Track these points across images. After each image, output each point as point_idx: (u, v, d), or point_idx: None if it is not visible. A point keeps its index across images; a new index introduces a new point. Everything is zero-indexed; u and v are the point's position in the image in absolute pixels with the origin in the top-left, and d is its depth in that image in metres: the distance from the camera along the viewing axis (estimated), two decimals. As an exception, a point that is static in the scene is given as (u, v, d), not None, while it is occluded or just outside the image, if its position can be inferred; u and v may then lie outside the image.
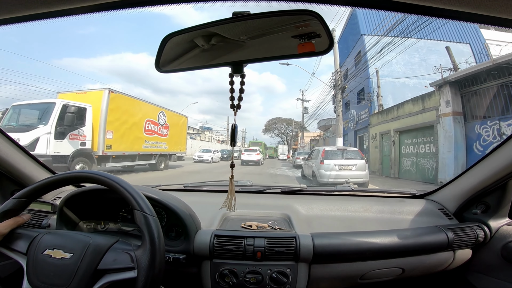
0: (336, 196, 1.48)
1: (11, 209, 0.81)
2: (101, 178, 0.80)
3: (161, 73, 0.68)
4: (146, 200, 0.79)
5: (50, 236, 0.78)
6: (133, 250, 0.74)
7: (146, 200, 0.79)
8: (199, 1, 0.51)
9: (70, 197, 1.00)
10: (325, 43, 0.57)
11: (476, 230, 1.14)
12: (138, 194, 0.78)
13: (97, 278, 0.71)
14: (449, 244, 1.09)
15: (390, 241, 1.05)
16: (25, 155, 1.21)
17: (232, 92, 0.69)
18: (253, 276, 0.95)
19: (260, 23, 0.57)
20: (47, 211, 1.20)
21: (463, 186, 1.24)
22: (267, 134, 48.21)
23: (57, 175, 0.85)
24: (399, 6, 0.47)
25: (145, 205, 0.77)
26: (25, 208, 0.85)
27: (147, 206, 0.77)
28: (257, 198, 1.43)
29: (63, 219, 1.00)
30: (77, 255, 0.72)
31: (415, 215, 1.26)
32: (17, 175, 1.19)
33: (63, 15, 0.54)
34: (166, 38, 0.63)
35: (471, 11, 0.45)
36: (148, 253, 0.72)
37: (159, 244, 0.74)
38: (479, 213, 1.19)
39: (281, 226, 1.10)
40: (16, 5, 0.51)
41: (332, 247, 1.02)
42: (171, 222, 1.05)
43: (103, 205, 1.07)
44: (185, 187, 1.57)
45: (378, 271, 1.08)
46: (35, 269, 0.72)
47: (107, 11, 0.53)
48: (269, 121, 48.10)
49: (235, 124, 0.77)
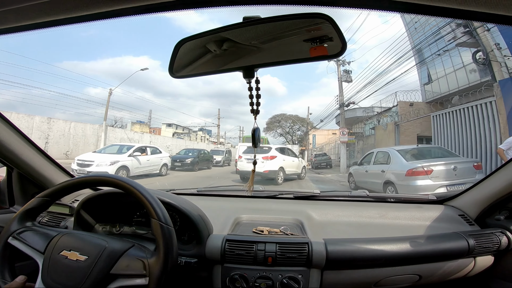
0: (351, 202, 1.45)
1: (34, 208, 0.86)
2: (119, 182, 0.83)
3: (175, 78, 0.69)
4: (164, 208, 0.81)
5: (68, 237, 0.80)
6: (147, 258, 0.75)
7: (164, 209, 0.80)
8: (208, 7, 0.51)
9: (87, 200, 1.03)
10: (338, 46, 0.56)
11: (499, 236, 1.10)
12: (155, 201, 0.80)
13: (108, 282, 0.73)
14: (470, 251, 1.05)
15: (406, 248, 1.02)
16: (46, 158, 1.26)
17: (251, 98, 0.70)
18: (263, 281, 0.94)
19: (271, 27, 0.57)
20: (65, 213, 1.23)
21: (486, 191, 1.19)
22: (269, 133, 38.14)
23: (76, 178, 0.89)
24: (413, 7, 0.46)
25: (162, 214, 0.79)
26: (47, 208, 0.89)
27: (163, 216, 0.79)
28: (269, 203, 1.42)
29: (80, 222, 1.03)
30: (91, 259, 0.74)
31: (433, 221, 1.22)
32: (37, 178, 1.24)
33: (69, 23, 0.56)
34: (179, 43, 0.64)
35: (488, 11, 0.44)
36: (161, 263, 0.74)
37: (172, 255, 0.76)
38: (502, 219, 1.14)
39: (293, 231, 1.09)
40: (19, 15, 0.53)
41: (346, 254, 0.99)
42: (184, 226, 1.06)
43: (118, 208, 1.09)
44: (198, 192, 1.58)
45: (394, 277, 1.05)
46: (50, 269, 0.75)
47: (112, 18, 0.55)
48: (271, 118, 37.73)
49: (256, 128, 0.77)
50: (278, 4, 0.52)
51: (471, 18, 0.48)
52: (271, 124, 37.38)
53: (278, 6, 0.51)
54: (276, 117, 37.31)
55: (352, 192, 1.55)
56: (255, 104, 0.71)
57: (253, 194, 1.50)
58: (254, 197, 1.47)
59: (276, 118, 37.28)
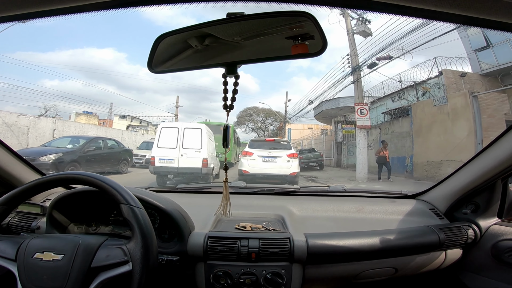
0: (329, 197, 1.49)
1: None
2: (89, 179, 0.80)
3: (154, 73, 0.67)
4: (132, 194, 0.79)
5: (38, 240, 0.76)
6: (125, 244, 0.74)
7: (132, 195, 0.79)
8: (192, 2, 0.50)
9: (60, 199, 0.98)
10: (319, 45, 0.57)
11: (467, 230, 1.17)
12: (123, 189, 0.79)
13: (92, 277, 0.70)
14: (440, 244, 1.11)
15: (382, 241, 1.06)
16: (14, 156, 1.18)
17: (226, 92, 0.69)
18: (247, 277, 0.95)
19: (255, 24, 0.57)
20: (37, 213, 1.17)
21: (453, 186, 1.26)
22: (240, 128, 34.00)
23: (44, 177, 0.84)
24: (393, 8, 0.47)
25: (131, 198, 0.78)
26: (7, 215, 0.84)
27: (132, 199, 0.78)
28: (251, 199, 1.43)
29: (53, 222, 0.99)
30: (68, 256, 0.71)
31: (406, 215, 1.28)
32: (4, 177, 1.16)
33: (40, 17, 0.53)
34: (159, 38, 0.62)
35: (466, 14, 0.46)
36: (140, 244, 0.72)
37: (149, 234, 0.74)
38: (469, 212, 1.21)
39: (275, 227, 1.10)
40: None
41: (326, 248, 1.03)
42: (164, 223, 1.04)
43: (94, 207, 1.05)
44: (178, 189, 1.56)
45: (372, 271, 1.09)
46: (28, 274, 0.71)
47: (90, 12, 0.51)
48: (242, 112, 33.65)
49: (227, 125, 0.76)
50: (260, 1, 0.52)
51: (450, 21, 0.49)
52: (242, 118, 34.09)
53: (262, 3, 0.51)
54: (248, 110, 33.91)
55: (331, 187, 1.59)
56: (229, 99, 0.69)
57: (234, 191, 1.51)
58: (236, 193, 1.47)
59: (247, 111, 33.88)
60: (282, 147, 7.65)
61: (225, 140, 0.77)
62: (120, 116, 33.76)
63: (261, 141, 8.24)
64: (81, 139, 8.56)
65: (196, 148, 7.10)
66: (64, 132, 14.34)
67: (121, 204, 0.77)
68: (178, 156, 7.01)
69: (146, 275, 0.69)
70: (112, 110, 30.33)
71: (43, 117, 15.59)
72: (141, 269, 0.69)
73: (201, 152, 7.10)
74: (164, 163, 7.01)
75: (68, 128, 15.69)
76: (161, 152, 7.05)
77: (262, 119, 34.42)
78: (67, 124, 16.41)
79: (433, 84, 10.47)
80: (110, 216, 1.07)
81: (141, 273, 0.69)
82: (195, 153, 7.07)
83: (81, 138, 9.50)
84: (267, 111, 32.21)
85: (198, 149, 7.10)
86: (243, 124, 34.51)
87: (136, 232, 0.74)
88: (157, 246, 0.76)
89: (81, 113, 27.52)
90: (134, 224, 0.74)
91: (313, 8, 0.50)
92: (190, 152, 7.07)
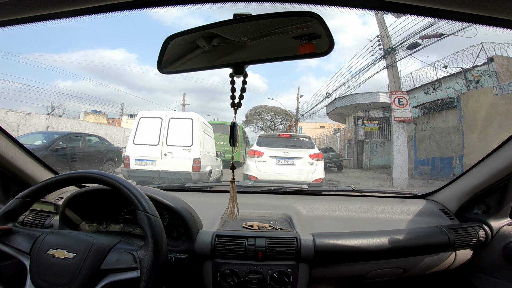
0: (337, 197, 1.49)
1: (14, 209, 0.83)
2: (104, 178, 0.82)
3: (164, 74, 0.68)
4: (149, 200, 0.80)
5: (53, 236, 0.79)
6: (136, 250, 0.75)
7: (149, 201, 0.80)
8: (200, 3, 0.51)
9: (72, 197, 1.01)
10: (326, 44, 0.57)
11: (477, 230, 1.15)
12: (141, 194, 0.80)
13: (100, 278, 0.72)
14: (450, 244, 1.09)
15: (391, 241, 1.05)
16: (28, 155, 1.22)
17: (233, 91, 0.69)
18: (254, 276, 0.95)
19: (261, 24, 0.58)
20: (50, 211, 1.20)
21: (464, 186, 1.24)
22: (249, 127, 32.77)
23: (59, 175, 0.86)
24: (400, 7, 0.47)
25: (148, 205, 0.78)
26: (28, 208, 0.87)
27: (149, 207, 0.78)
28: (258, 198, 1.44)
29: (65, 219, 1.01)
30: (80, 255, 0.73)
31: (416, 215, 1.26)
32: (20, 176, 1.20)
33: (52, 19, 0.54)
34: (169, 39, 0.63)
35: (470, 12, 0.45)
36: (151, 254, 0.73)
37: (162, 244, 0.75)
38: (480, 213, 1.19)
39: (282, 226, 1.11)
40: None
41: (333, 247, 1.02)
42: (172, 222, 1.06)
43: (106, 206, 1.07)
44: (186, 187, 1.58)
45: (379, 271, 1.08)
46: (39, 269, 0.73)
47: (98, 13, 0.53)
48: (251, 110, 32.62)
49: (235, 122, 0.74)
50: (267, 2, 0.53)
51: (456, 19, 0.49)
52: (251, 116, 33.04)
53: (269, 4, 0.51)
54: (257, 108, 32.84)
55: (338, 187, 1.59)
56: (237, 97, 0.68)
57: (242, 190, 1.51)
58: (243, 193, 1.48)
59: (256, 110, 32.76)
60: (302, 144, 5.75)
61: (232, 137, 0.76)
62: (129, 115, 33.28)
63: (273, 137, 6.14)
64: (56, 135, 7.43)
65: (184, 145, 5.40)
66: (60, 129, 13.65)
67: (138, 210, 0.77)
68: (160, 156, 5.37)
69: (152, 284, 0.71)
70: (123, 109, 30.36)
71: (45, 114, 15.43)
72: (147, 278, 0.71)
73: (191, 150, 5.38)
74: (142, 165, 5.35)
75: (63, 125, 14.93)
76: (138, 150, 5.36)
77: (271, 117, 33.51)
78: (63, 121, 15.88)
79: (483, 71, 8.89)
80: (120, 214, 1.10)
81: (147, 282, 0.70)
82: (183, 151, 5.38)
83: (56, 134, 7.96)
84: (276, 110, 31.39)
85: (187, 147, 5.40)
86: (251, 123, 33.76)
87: (149, 241, 0.75)
88: (167, 255, 0.77)
89: (90, 112, 27.53)
90: (148, 233, 0.75)
91: (320, 8, 0.51)
92: (177, 151, 5.38)
